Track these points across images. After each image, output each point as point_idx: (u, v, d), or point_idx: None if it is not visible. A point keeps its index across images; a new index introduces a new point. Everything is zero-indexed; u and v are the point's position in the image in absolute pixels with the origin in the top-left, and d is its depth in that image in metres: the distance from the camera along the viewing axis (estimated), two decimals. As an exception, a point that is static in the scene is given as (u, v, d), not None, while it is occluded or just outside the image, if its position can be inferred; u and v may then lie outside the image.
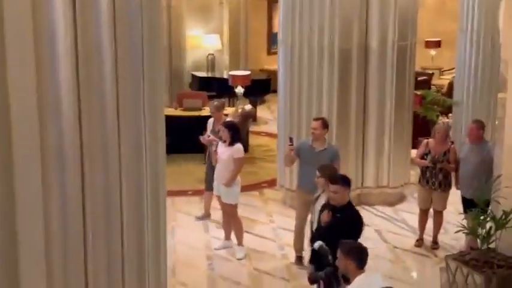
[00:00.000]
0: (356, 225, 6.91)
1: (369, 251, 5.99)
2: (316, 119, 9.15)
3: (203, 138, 10.44)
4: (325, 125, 8.95)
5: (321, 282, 6.43)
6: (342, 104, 10.75)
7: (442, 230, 9.77)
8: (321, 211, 7.15)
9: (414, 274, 9.25)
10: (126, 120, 2.91)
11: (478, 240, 7.74)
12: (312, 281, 6.49)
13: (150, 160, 3.16)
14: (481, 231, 7.58)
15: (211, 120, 10.75)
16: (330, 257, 6.24)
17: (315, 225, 7.50)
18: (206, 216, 10.62)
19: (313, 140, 8.94)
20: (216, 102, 11.01)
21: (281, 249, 9.70)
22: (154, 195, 3.25)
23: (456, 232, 8.26)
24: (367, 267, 5.82)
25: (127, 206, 3.02)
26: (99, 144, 2.83)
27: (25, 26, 2.49)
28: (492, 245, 7.62)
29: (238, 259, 9.36)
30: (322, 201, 7.44)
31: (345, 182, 7.05)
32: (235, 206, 9.46)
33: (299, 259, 9.17)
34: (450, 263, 7.78)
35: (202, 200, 10.81)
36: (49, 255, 2.70)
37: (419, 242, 9.76)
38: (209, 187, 10.07)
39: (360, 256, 5.73)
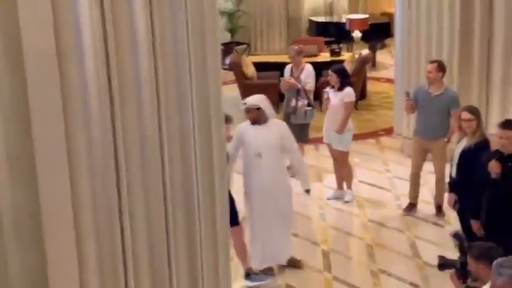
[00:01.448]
0: None
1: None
2: (431, 62, 8.71)
3: (283, 82, 9.99)
4: (440, 67, 8.46)
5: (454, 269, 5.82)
6: (464, 47, 10.09)
7: None
8: (463, 157, 6.73)
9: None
10: (164, 55, 2.51)
11: None
12: (442, 266, 5.82)
13: (197, 101, 2.76)
14: None
15: (289, 66, 10.32)
16: (465, 245, 5.67)
17: (453, 171, 7.17)
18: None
19: (429, 84, 8.51)
20: (296, 46, 10.56)
21: (397, 199, 9.34)
22: (204, 140, 2.85)
23: None
24: None
25: (169, 158, 2.65)
26: (132, 84, 2.46)
27: None
28: None
29: (346, 202, 9.22)
30: (462, 145, 7.10)
31: None
32: (346, 153, 9.23)
33: (410, 206, 8.86)
34: None
35: (316, 148, 10.53)
36: (78, 215, 2.37)
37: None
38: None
39: (494, 258, 4.91)
